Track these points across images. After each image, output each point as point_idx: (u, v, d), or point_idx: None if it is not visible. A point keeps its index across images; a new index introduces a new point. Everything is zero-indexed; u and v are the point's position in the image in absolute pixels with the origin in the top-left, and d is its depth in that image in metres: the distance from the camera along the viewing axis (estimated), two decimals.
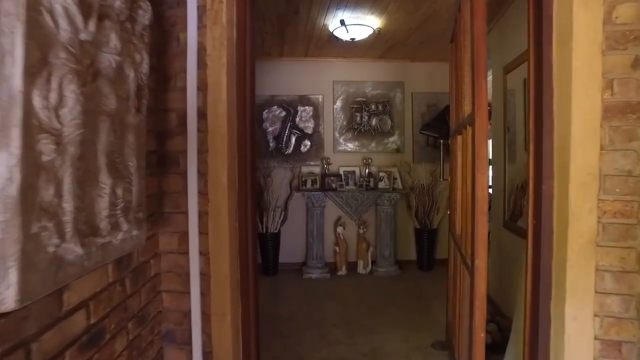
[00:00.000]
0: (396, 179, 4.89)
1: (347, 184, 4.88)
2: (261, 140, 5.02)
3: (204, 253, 1.90)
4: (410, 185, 5.02)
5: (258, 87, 5.23)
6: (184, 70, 1.88)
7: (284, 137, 5.04)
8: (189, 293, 1.91)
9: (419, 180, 5.03)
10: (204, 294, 1.92)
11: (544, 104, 1.70)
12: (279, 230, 4.92)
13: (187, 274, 1.91)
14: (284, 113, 5.05)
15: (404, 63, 5.15)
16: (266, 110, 5.03)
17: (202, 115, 1.88)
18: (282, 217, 4.91)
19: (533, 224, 1.81)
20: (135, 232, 1.47)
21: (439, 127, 5.13)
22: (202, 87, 1.88)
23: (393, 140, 5.14)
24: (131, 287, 1.60)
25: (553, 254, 1.65)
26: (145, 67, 1.51)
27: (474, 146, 1.62)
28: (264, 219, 4.78)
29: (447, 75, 5.36)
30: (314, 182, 4.83)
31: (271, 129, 5.04)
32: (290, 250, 5.08)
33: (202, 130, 1.88)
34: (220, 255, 1.89)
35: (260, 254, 4.88)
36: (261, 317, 3.46)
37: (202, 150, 1.88)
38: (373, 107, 5.11)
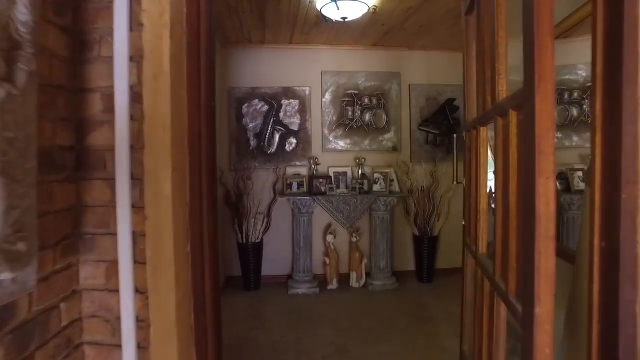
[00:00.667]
0: (393, 180, 4.37)
1: (338, 186, 4.35)
2: (241, 138, 4.47)
3: (141, 290, 1.36)
4: (408, 187, 4.51)
5: (237, 78, 4.66)
6: (111, 33, 1.33)
7: (266, 135, 4.49)
8: (120, 346, 1.36)
9: (417, 182, 4.53)
10: (142, 347, 1.37)
11: (624, 77, 1.20)
12: (262, 240, 4.37)
13: (118, 320, 1.37)
14: (266, 107, 4.50)
15: (401, 51, 4.64)
16: (246, 104, 4.48)
17: (136, 96, 1.33)
18: (264, 224, 4.36)
19: (601, 248, 1.31)
20: (6, 275, 0.92)
21: (440, 123, 4.64)
22: (137, 57, 1.33)
23: (389, 138, 4.63)
24: (13, 353, 1.05)
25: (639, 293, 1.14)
26: (23, 13, 0.96)
27: (531, 138, 1.10)
28: (244, 227, 4.23)
29: (449, 65, 4.87)
30: (300, 184, 4.29)
31: (252, 125, 4.49)
32: (275, 261, 4.54)
33: (137, 117, 1.33)
34: (164, 293, 1.35)
35: (241, 266, 4.33)
36: (235, 347, 2.95)
37: (137, 147, 1.33)
38: (366, 100, 4.59)
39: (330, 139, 4.55)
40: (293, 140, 4.51)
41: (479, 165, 1.90)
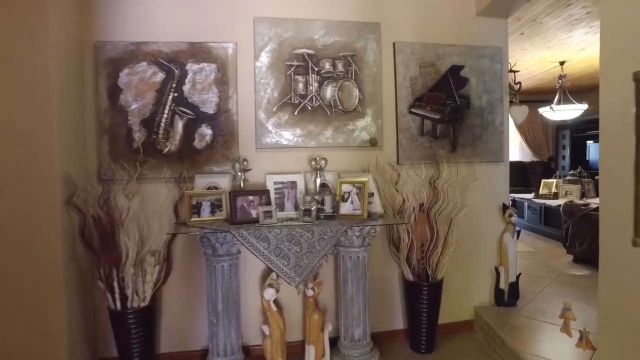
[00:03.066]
0: (372, 195, 2.68)
1: (282, 208, 2.61)
2: (117, 127, 2.64)
3: None
4: (398, 206, 2.85)
5: (110, 27, 2.22)
6: None
7: (161, 121, 2.69)
8: None
9: (412, 196, 2.87)
10: None
11: None
12: (154, 300, 2.58)
13: None
14: (161, 76, 2.69)
15: None
16: (126, 70, 2.65)
17: None
18: (159, 273, 2.57)
19: None
20: None
21: (442, 103, 3.00)
22: None
23: (364, 126, 2.94)
24: None
25: None
26: None
27: None
28: (116, 282, 2.42)
29: (453, 13, 3.11)
30: (215, 206, 2.52)
31: (135, 105, 2.66)
32: (181, 332, 2.76)
33: None
34: None
35: (117, 347, 2.52)
36: None
37: None
38: (327, 66, 2.87)
39: (270, 128, 2.80)
40: (207, 132, 2.72)
41: None
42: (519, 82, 4.24)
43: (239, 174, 2.64)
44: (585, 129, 8.01)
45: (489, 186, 3.16)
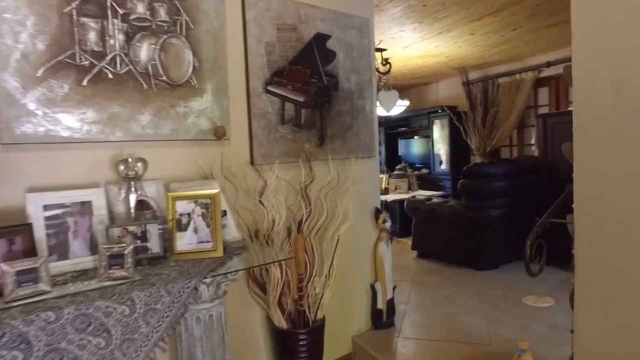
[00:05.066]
0: (225, 214, 1.73)
1: (63, 253, 1.41)
2: None
3: None
4: (267, 227, 1.96)
5: None
6: None
7: None
8: None
9: (275, 212, 2.03)
10: None
11: None
12: None
13: None
14: None
15: None
16: None
17: None
18: None
19: None
20: None
21: (307, 82, 2.27)
22: None
23: (202, 108, 1.94)
24: None
25: None
26: None
27: None
28: None
29: None
30: None
31: None
32: None
33: None
34: None
35: None
36: None
37: None
38: (140, 8, 1.75)
39: (31, 106, 1.53)
40: None
41: None
42: (388, 62, 3.77)
43: None
44: (397, 126, 8.63)
45: (361, 188, 2.58)
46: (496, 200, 3.83)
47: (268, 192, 1.97)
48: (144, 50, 1.76)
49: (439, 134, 6.65)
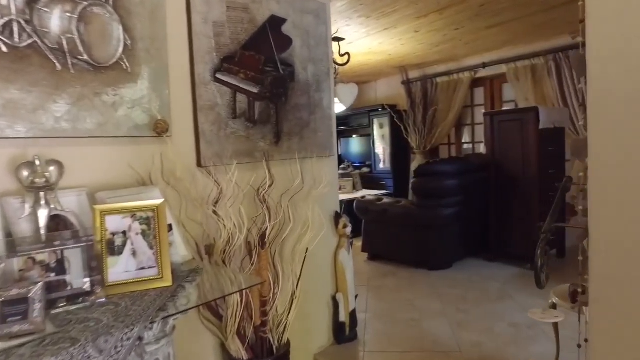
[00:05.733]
0: (171, 229, 1.38)
1: None
2: None
3: None
4: (223, 244, 1.62)
5: None
6: None
7: None
8: None
9: (233, 222, 1.70)
10: None
11: None
12: None
13: None
14: None
15: None
16: None
17: None
18: None
19: None
20: None
21: (261, 70, 1.98)
22: None
23: (137, 98, 1.56)
24: None
25: None
26: None
27: None
28: None
29: None
30: None
31: None
32: None
33: None
34: None
35: None
36: None
37: None
38: None
39: None
40: None
41: None
42: (347, 53, 3.50)
43: None
44: (337, 125, 8.52)
45: (320, 190, 2.33)
46: (449, 199, 3.79)
47: (225, 200, 1.64)
48: (56, 19, 1.34)
49: (379, 132, 6.63)
